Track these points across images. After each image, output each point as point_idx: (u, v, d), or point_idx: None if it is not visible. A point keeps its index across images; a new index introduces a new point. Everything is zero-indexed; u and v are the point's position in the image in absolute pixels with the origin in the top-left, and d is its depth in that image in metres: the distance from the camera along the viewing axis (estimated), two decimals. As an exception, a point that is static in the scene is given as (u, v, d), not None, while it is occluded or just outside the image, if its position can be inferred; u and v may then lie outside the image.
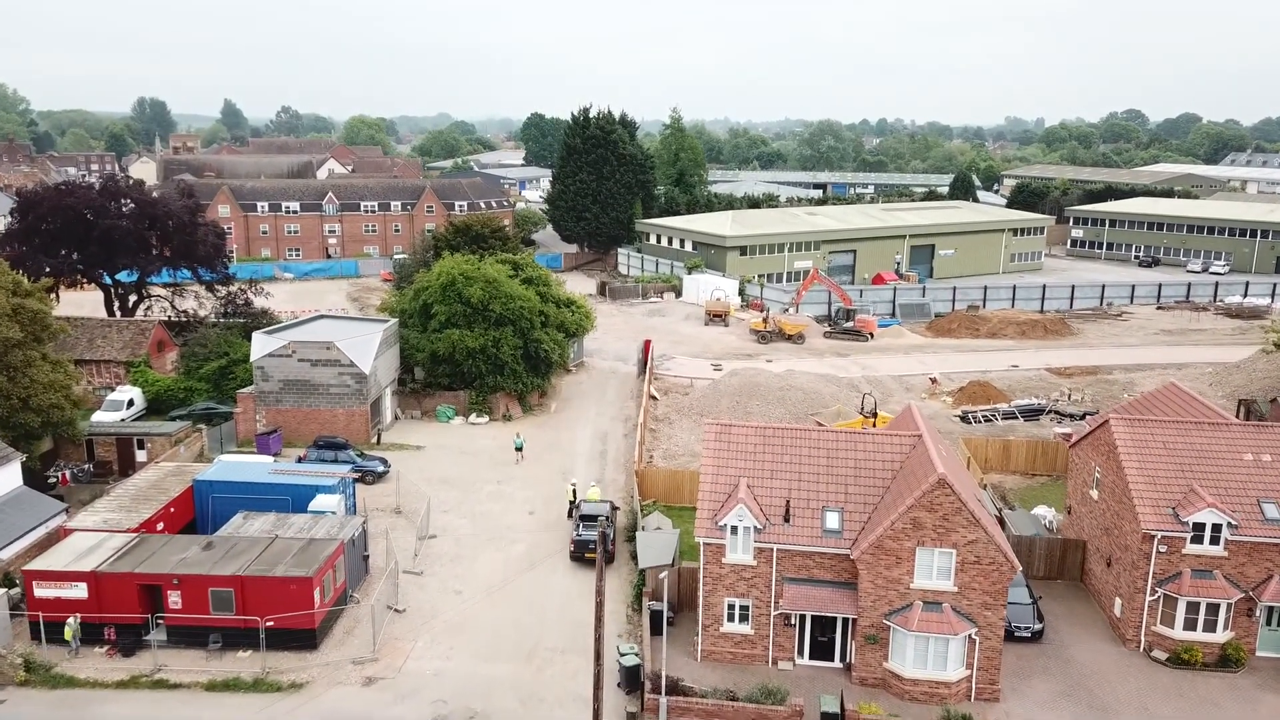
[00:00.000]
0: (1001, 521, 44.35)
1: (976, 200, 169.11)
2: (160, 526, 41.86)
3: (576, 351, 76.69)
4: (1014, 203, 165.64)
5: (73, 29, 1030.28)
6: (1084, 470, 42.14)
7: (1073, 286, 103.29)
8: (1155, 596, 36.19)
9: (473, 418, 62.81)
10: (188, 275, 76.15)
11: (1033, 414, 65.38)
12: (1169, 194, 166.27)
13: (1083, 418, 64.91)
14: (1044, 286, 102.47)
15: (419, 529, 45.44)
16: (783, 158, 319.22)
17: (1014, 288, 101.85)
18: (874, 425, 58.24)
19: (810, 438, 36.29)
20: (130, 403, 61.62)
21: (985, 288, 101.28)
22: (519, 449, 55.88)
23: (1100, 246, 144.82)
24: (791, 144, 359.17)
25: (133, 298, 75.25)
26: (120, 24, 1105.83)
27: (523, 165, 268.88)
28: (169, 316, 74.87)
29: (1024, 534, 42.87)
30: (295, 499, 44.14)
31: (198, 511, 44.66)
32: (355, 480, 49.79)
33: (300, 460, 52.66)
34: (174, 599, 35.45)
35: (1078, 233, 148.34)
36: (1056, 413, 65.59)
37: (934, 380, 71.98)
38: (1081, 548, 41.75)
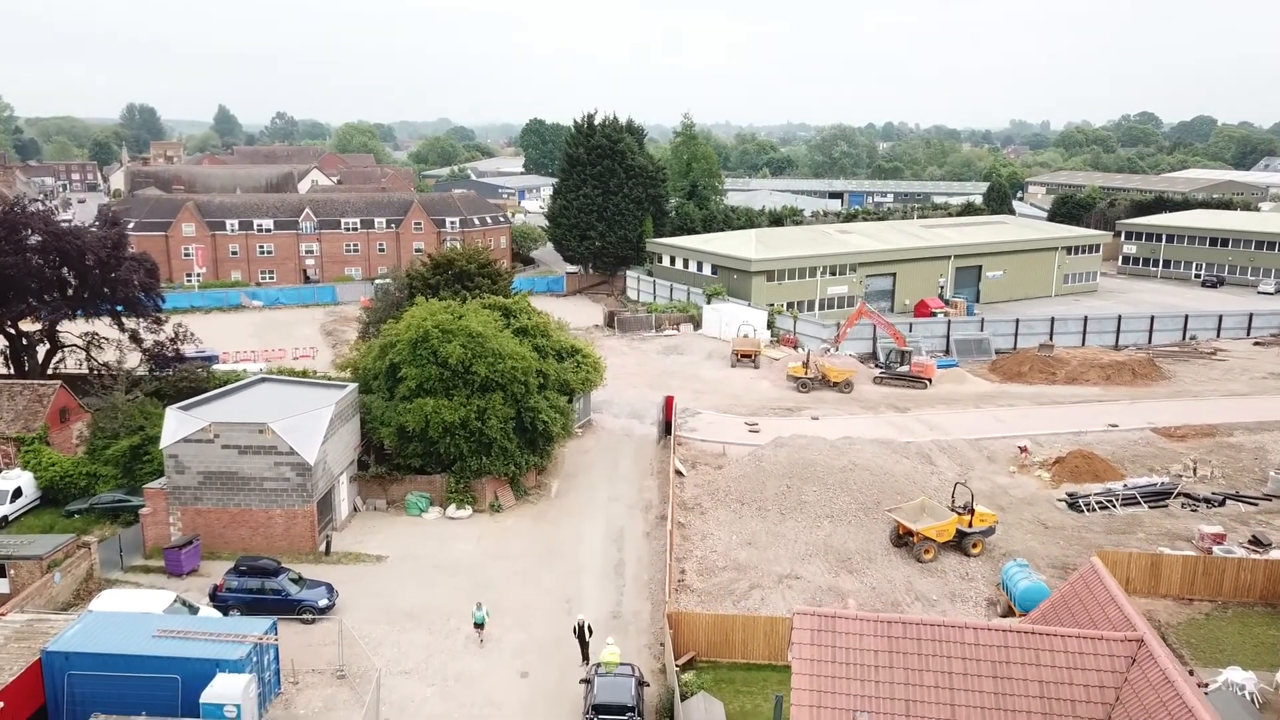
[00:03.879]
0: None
1: (1013, 212, 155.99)
2: (-21, 735, 28.59)
3: (582, 408, 63.36)
4: (1056, 215, 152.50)
5: (67, 34, 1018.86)
6: (1332, 645, 28.76)
7: (1151, 317, 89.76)
8: None
9: (451, 510, 49.39)
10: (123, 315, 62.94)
11: (1158, 498, 51.97)
12: (1227, 205, 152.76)
13: (1221, 503, 51.64)
14: (1119, 317, 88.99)
15: (365, 712, 32.04)
16: (793, 164, 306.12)
17: (1085, 319, 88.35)
18: (969, 525, 45.07)
19: (963, 640, 22.90)
20: (17, 493, 48.52)
21: (1052, 319, 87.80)
22: (480, 625, 37.43)
23: (1155, 264, 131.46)
24: (801, 149, 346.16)
25: (42, 348, 61.96)
26: (117, 28, 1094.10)
27: (522, 173, 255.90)
28: (90, 370, 61.70)
29: (1243, 737, 29.54)
30: (187, 679, 30.79)
31: (49, 697, 31.31)
32: (297, 613, 37.14)
33: (215, 593, 39.38)
34: None
35: (1130, 248, 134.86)
36: (1187, 496, 52.17)
37: (1023, 449, 58.51)
38: (1335, 764, 28.40)
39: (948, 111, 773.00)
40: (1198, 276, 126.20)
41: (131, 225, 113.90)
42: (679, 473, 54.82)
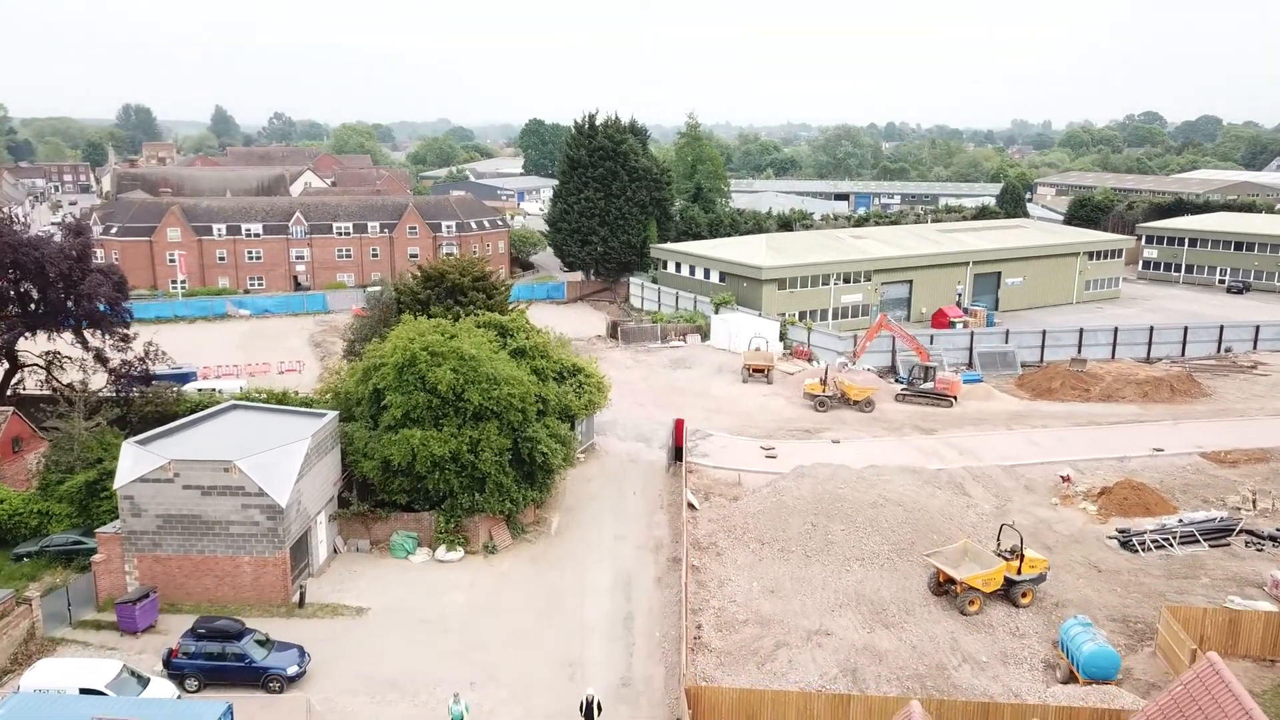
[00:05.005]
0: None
1: (1027, 215, 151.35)
2: None
3: (585, 431, 58.67)
4: (1073, 218, 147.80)
5: (64, 34, 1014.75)
6: None
7: (1185, 328, 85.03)
8: None
9: (441, 552, 44.67)
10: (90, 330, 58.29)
11: (1218, 535, 47.29)
12: (1249, 207, 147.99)
13: (1289, 541, 46.94)
14: (1151, 328, 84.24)
15: (335, 814, 27.47)
16: (797, 164, 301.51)
17: (1115, 330, 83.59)
18: (1018, 573, 40.41)
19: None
20: (-40, 534, 43.81)
21: (1080, 330, 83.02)
22: None
23: (1178, 269, 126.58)
24: (805, 150, 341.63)
25: (1, 368, 57.29)
26: (115, 28, 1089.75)
27: (521, 175, 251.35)
28: (52, 390, 56.98)
29: None
30: (123, 779, 26.23)
31: (-40, 800, 26.77)
32: (263, 684, 32.87)
33: (170, 659, 34.72)
34: None
35: (1150, 253, 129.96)
36: (1250, 533, 47.46)
37: (1066, 478, 53.86)
38: None
39: (948, 111, 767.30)
40: (1222, 282, 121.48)
41: (115, 230, 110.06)
42: (691, 506, 50.20)
